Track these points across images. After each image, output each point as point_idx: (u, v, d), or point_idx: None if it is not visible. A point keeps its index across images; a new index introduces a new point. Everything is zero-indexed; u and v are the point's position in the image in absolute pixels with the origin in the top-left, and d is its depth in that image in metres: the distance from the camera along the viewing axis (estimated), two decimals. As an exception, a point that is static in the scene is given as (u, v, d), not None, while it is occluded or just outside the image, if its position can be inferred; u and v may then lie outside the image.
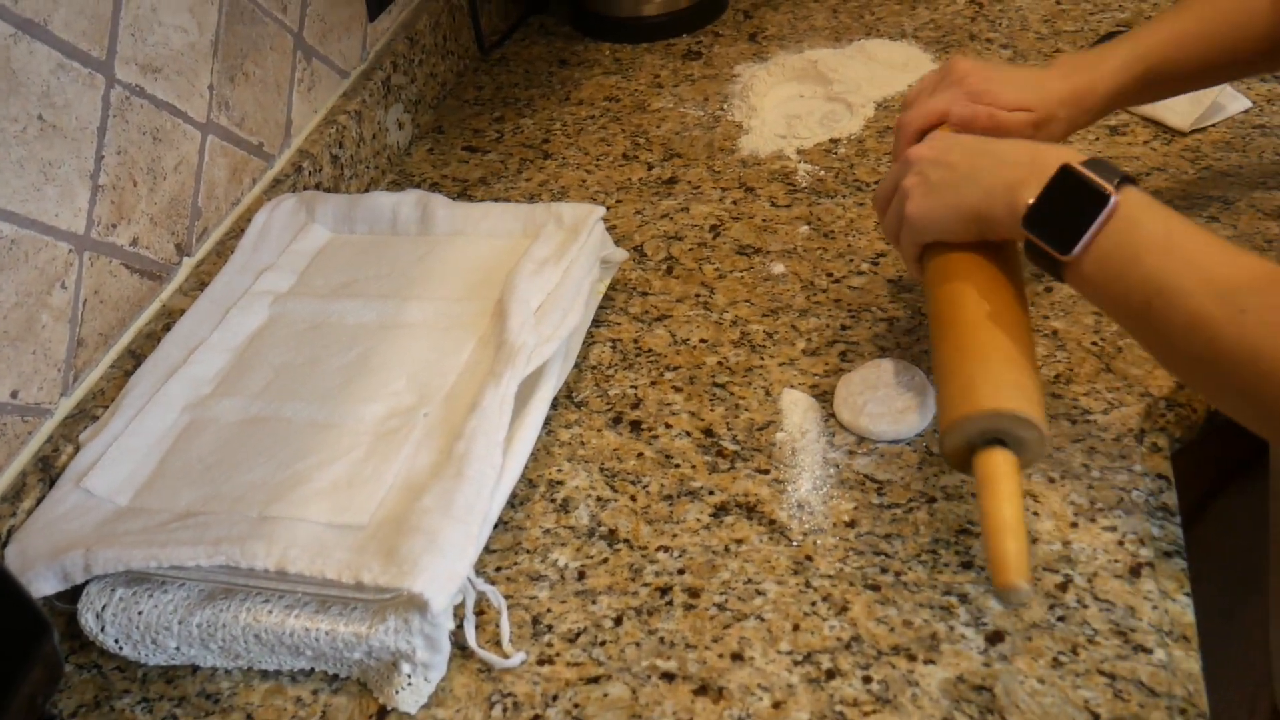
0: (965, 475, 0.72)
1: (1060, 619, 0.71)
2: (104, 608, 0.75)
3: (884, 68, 1.28)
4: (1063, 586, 0.73)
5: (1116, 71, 0.87)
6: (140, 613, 0.74)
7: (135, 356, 0.90)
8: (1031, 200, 0.69)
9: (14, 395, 0.81)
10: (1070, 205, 0.68)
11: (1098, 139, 1.13)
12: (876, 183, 1.11)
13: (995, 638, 0.71)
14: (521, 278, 0.89)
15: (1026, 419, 0.68)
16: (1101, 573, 0.73)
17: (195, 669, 0.76)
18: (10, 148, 0.79)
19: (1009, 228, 0.72)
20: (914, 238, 0.79)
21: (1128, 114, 1.15)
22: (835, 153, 1.17)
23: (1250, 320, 0.62)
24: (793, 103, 1.27)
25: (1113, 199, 0.67)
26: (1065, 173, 0.69)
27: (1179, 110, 1.12)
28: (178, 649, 0.75)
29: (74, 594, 0.76)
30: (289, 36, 1.11)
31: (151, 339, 0.92)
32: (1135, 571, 0.73)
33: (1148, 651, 0.69)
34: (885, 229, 0.83)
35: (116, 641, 0.75)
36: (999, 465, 0.68)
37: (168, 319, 0.94)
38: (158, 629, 0.74)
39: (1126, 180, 0.68)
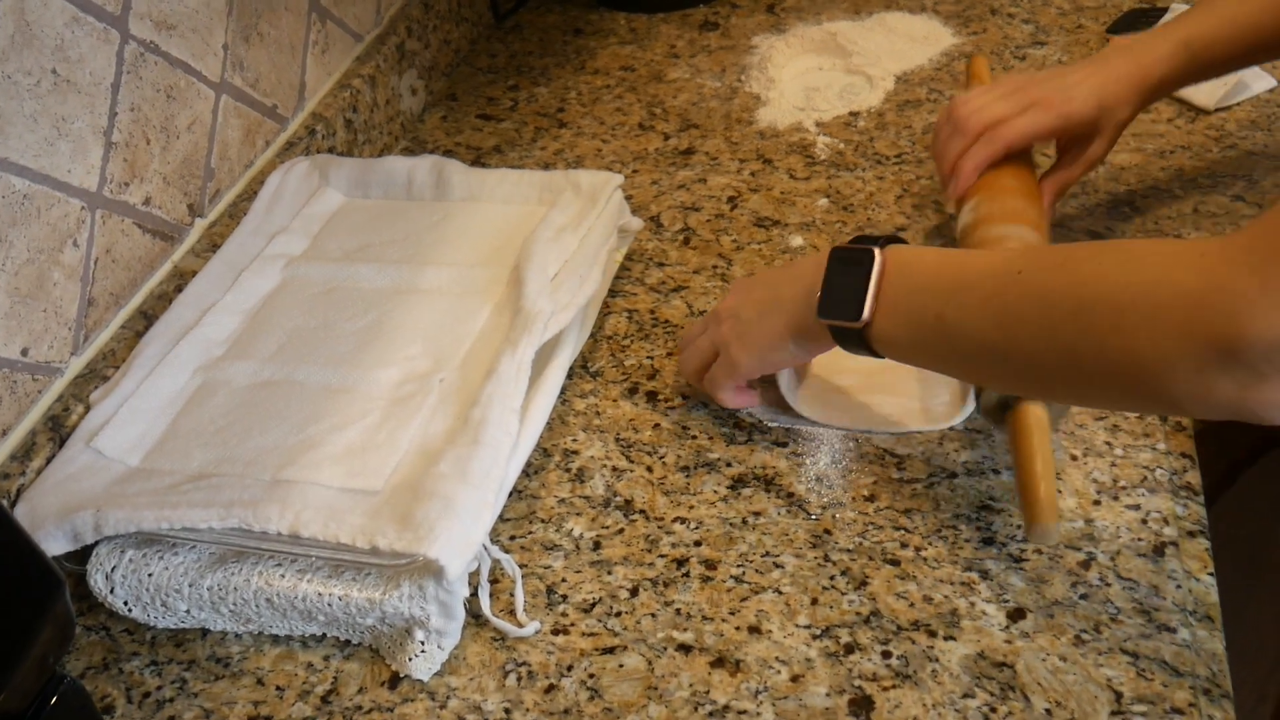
0: (999, 429, 0.75)
1: (1083, 597, 0.70)
2: (114, 569, 0.74)
3: (904, 40, 1.27)
4: (1085, 564, 0.72)
5: (1164, 59, 0.88)
6: (150, 574, 0.73)
7: (147, 317, 0.89)
8: (819, 294, 0.72)
9: (24, 353, 0.80)
10: (847, 280, 0.71)
11: (1121, 116, 1.11)
12: (898, 157, 1.10)
13: (1017, 614, 0.70)
14: (539, 244, 0.88)
15: None
16: (1125, 551, 0.73)
17: (205, 632, 0.75)
18: (24, 101, 0.78)
19: (819, 333, 0.73)
20: (743, 376, 0.81)
21: (1151, 92, 1.14)
22: (855, 125, 1.16)
23: (1028, 273, 0.64)
24: (811, 75, 1.25)
25: (877, 255, 0.70)
26: (834, 255, 0.72)
27: (1203, 89, 1.10)
28: (188, 612, 0.74)
29: (82, 555, 0.75)
30: (304, -3, 1.09)
31: (163, 300, 0.91)
32: (1159, 550, 0.72)
33: (1171, 631, 0.68)
34: (705, 380, 0.83)
35: (126, 603, 0.74)
36: (1031, 417, 0.72)
37: (179, 280, 0.92)
38: (168, 591, 0.73)
39: (892, 240, 0.72)
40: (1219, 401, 0.57)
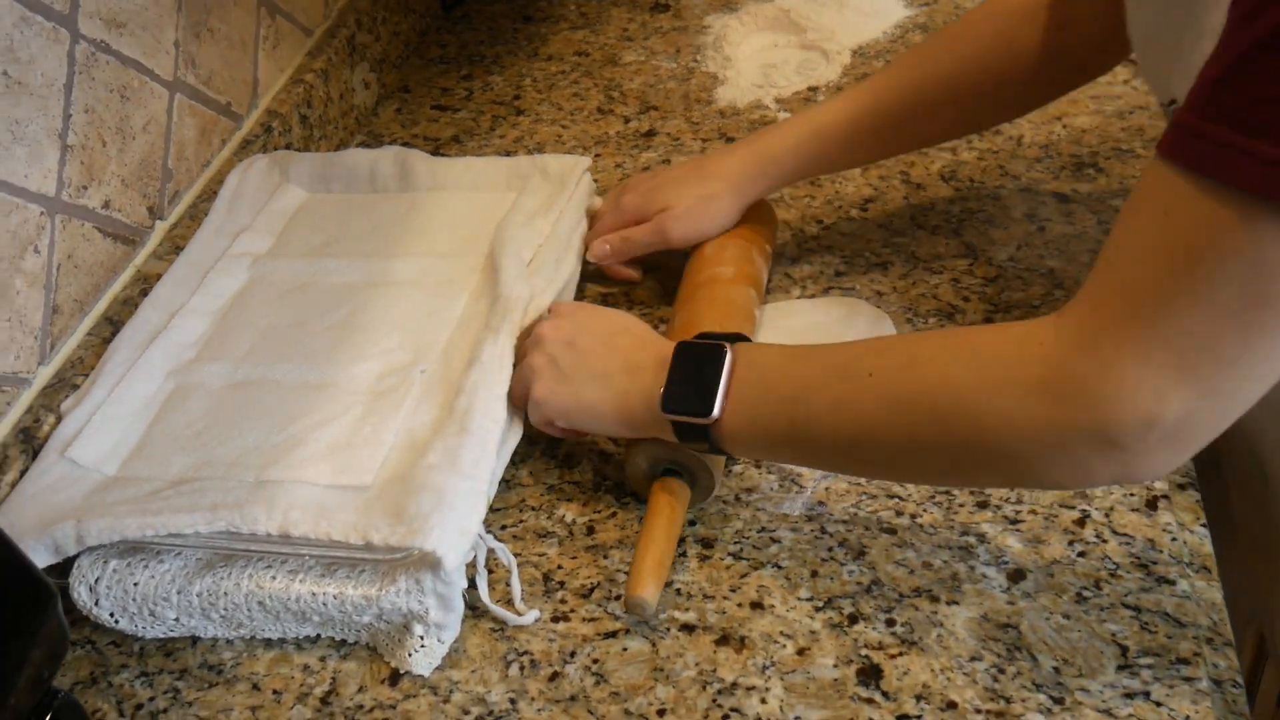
0: (641, 500, 0.76)
1: (1081, 554, 0.71)
2: (97, 580, 0.72)
3: (856, 14, 1.26)
4: (1080, 522, 0.72)
5: (787, 135, 0.89)
6: (136, 584, 0.71)
7: (113, 323, 0.87)
8: (663, 388, 0.70)
9: (-10, 365, 0.78)
10: (696, 375, 0.69)
11: (1078, 80, 1.12)
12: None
13: (1017, 576, 0.70)
14: (512, 230, 0.87)
15: (700, 459, 0.73)
16: (1118, 507, 0.73)
17: (195, 640, 0.73)
18: (-24, 105, 0.75)
19: (649, 423, 0.71)
20: (540, 418, 0.76)
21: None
22: (814, 100, 1.15)
23: (878, 377, 0.64)
24: (767, 52, 1.25)
25: (728, 351, 0.69)
26: (682, 349, 0.71)
27: (1157, 49, 1.11)
28: (177, 620, 0.72)
29: (63, 569, 0.73)
30: (252, -9, 1.07)
31: (128, 305, 0.88)
32: (1152, 505, 0.73)
33: (1170, 583, 0.69)
34: (515, 398, 0.77)
35: (112, 615, 0.72)
36: (667, 492, 0.73)
37: (144, 284, 0.90)
38: (155, 600, 0.71)
39: (738, 338, 0.72)
40: (1102, 478, 0.59)
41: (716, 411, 0.68)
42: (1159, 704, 0.63)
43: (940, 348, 0.64)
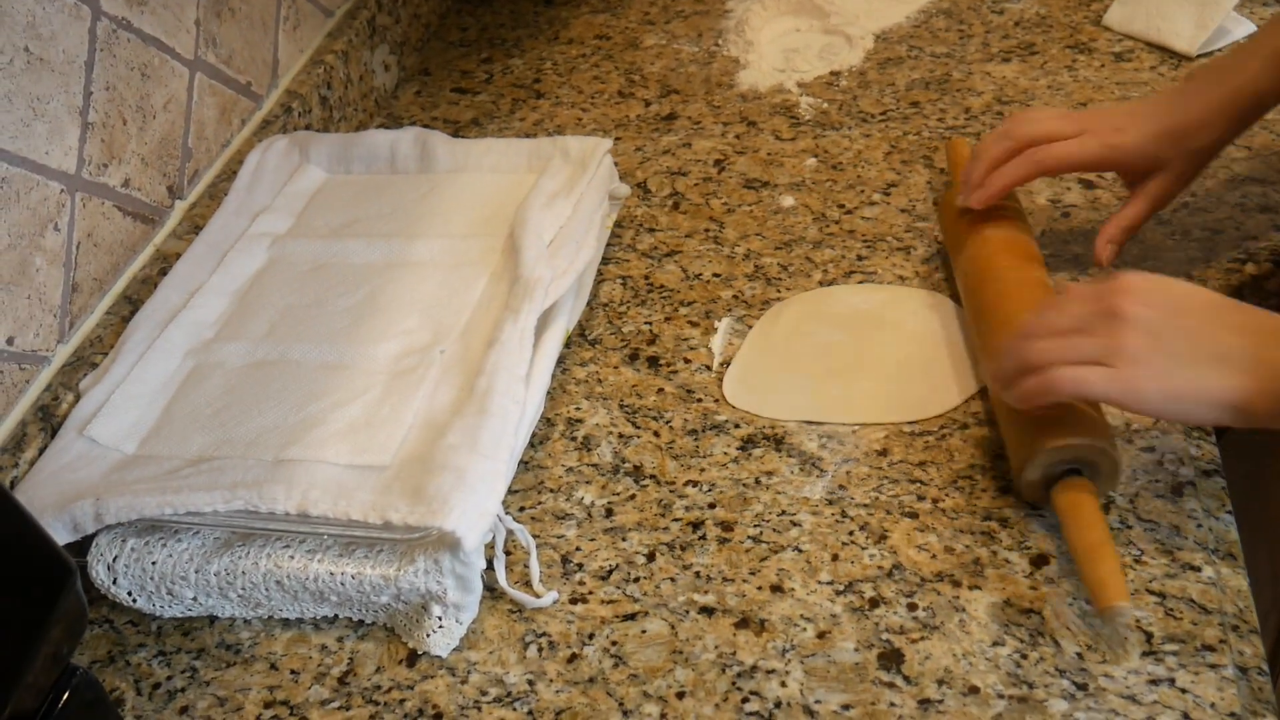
0: (1043, 508, 0.72)
1: (1105, 540, 0.70)
2: (115, 559, 0.72)
3: (880, -1, 1.26)
4: (1105, 508, 0.71)
5: (1255, 75, 0.80)
6: (154, 563, 0.71)
7: (132, 302, 0.87)
8: None
9: (10, 342, 0.77)
10: None
11: (1103, 65, 1.11)
12: (884, 114, 1.09)
13: (1040, 560, 0.69)
14: (532, 211, 0.87)
15: (1101, 448, 0.68)
16: (1143, 493, 0.72)
17: (213, 620, 0.73)
18: (-2, 81, 0.75)
19: (1277, 411, 0.62)
20: (1129, 405, 0.66)
21: (1131, 40, 1.14)
22: (837, 85, 1.14)
23: None
24: (790, 36, 1.24)
25: None
26: None
27: (1185, 34, 1.10)
28: (195, 599, 0.72)
29: (80, 547, 0.73)
30: (273, -28, 1.07)
31: (147, 284, 0.88)
32: (1177, 490, 0.72)
33: (1196, 569, 0.68)
34: (1053, 381, 0.66)
35: (130, 594, 0.72)
36: (1079, 493, 0.68)
37: (163, 263, 0.90)
38: (174, 579, 0.71)
39: None
40: None
41: None
42: (1184, 691, 0.62)
43: None
